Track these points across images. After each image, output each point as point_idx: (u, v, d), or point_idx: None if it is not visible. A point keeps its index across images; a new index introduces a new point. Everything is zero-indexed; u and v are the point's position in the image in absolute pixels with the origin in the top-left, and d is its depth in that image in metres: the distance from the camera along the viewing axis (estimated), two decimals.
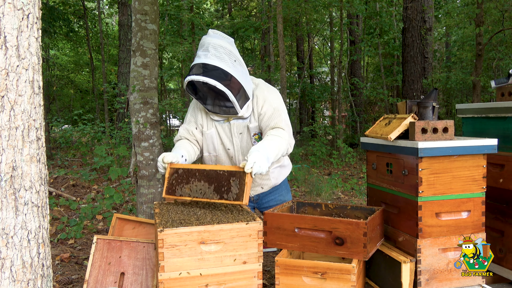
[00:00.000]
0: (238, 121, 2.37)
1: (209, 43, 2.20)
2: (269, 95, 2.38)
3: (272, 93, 2.41)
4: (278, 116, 2.35)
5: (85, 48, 14.67)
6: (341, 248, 1.94)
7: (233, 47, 2.27)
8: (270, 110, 2.35)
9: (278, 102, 2.39)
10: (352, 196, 6.46)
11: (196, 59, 2.20)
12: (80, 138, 9.66)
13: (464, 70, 13.23)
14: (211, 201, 2.30)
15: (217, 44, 2.20)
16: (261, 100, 2.37)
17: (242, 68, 2.26)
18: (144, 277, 2.35)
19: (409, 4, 8.19)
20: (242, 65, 2.27)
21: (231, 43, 2.29)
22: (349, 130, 14.14)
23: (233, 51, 2.25)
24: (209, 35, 2.28)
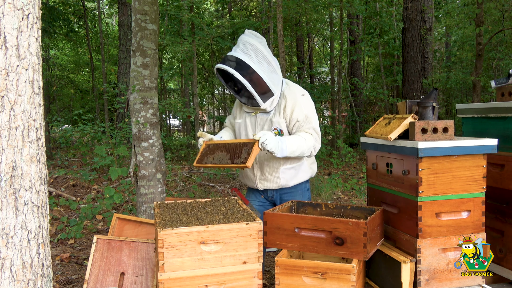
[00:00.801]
0: (263, 115, 2.54)
1: (240, 40, 2.43)
2: (302, 101, 2.48)
3: (305, 98, 2.51)
4: (308, 123, 2.47)
5: (85, 48, 14.68)
6: (341, 248, 1.95)
7: (263, 46, 2.44)
8: (301, 116, 2.45)
9: (309, 109, 2.50)
10: (352, 196, 6.46)
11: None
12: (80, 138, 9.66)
13: (464, 70, 13.23)
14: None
15: (247, 41, 2.41)
16: (291, 102, 2.46)
17: (269, 65, 2.42)
18: (144, 277, 2.35)
19: (409, 4, 8.19)
20: (269, 63, 2.42)
21: (261, 42, 2.46)
22: (349, 130, 14.14)
23: (261, 48, 2.41)
24: (245, 34, 2.48)
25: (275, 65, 2.47)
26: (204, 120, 17.54)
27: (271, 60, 2.44)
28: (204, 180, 6.88)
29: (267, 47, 2.47)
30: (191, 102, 11.82)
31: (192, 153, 9.41)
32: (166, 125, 15.23)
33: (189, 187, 6.35)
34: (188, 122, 12.98)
